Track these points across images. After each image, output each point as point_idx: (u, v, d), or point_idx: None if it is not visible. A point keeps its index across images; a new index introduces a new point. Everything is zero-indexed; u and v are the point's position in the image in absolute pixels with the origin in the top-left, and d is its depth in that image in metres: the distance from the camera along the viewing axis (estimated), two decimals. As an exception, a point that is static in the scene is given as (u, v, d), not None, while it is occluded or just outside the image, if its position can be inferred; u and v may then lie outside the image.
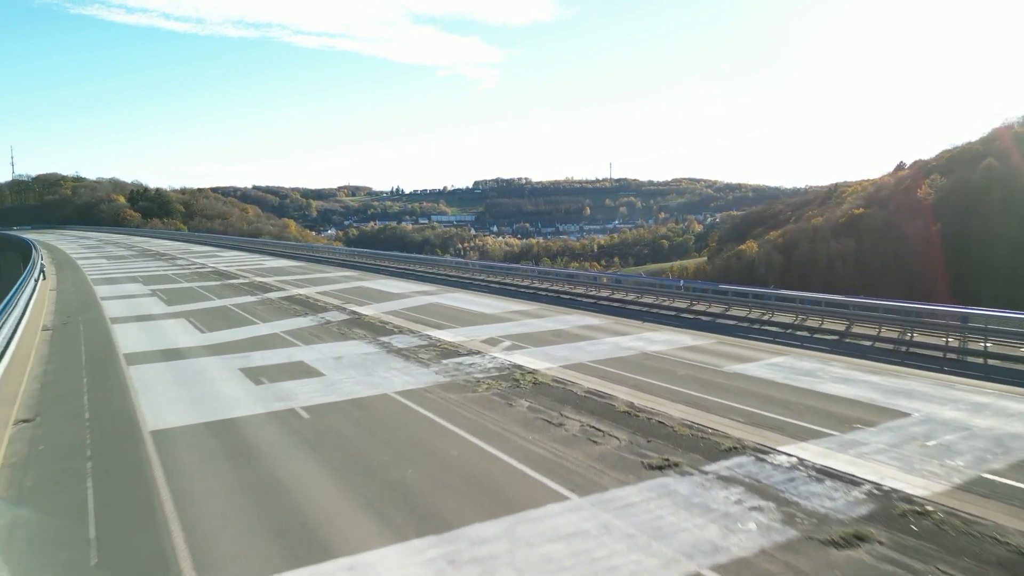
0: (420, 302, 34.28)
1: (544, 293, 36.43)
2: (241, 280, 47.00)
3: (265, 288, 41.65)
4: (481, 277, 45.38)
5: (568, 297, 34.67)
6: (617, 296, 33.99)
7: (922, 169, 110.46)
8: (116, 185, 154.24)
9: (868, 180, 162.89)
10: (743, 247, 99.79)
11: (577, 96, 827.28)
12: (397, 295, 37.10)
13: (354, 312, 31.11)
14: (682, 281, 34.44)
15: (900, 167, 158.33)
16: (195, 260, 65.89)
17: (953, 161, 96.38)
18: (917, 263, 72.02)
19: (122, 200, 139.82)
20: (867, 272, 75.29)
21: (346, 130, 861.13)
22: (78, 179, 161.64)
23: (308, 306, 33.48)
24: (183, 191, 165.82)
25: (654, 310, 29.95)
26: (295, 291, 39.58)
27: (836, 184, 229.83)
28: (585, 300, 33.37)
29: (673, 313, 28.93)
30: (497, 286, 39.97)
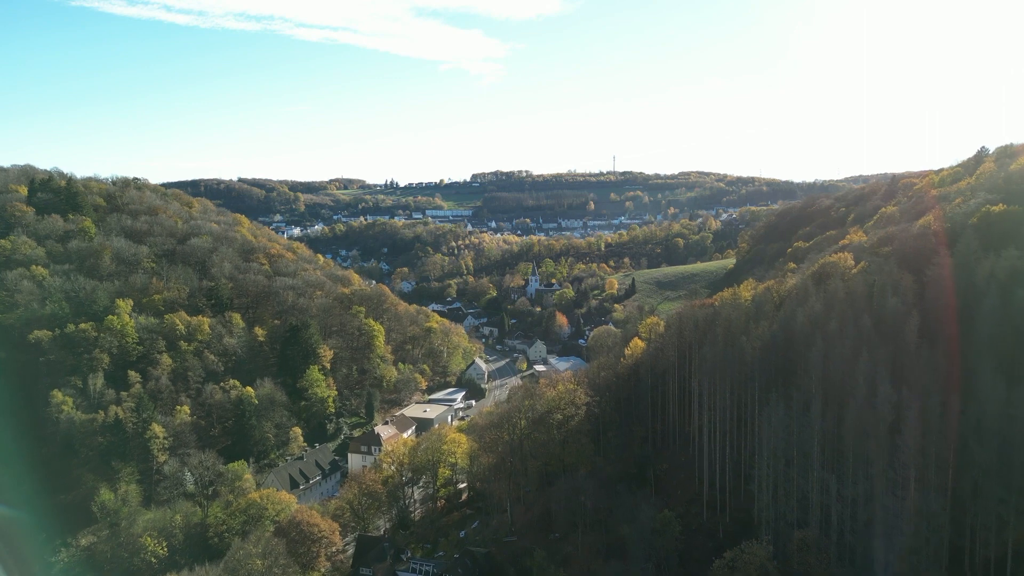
0: None
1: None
2: None
3: None
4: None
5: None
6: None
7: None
8: (26, 174, 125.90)
9: (945, 169, 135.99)
10: (832, 258, 71.65)
11: (580, 91, 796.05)
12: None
13: None
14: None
15: (983, 153, 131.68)
16: None
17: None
18: None
19: (22, 191, 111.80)
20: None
21: (344, 124, 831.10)
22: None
23: None
24: (114, 182, 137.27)
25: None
26: None
27: (894, 175, 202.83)
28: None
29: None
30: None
